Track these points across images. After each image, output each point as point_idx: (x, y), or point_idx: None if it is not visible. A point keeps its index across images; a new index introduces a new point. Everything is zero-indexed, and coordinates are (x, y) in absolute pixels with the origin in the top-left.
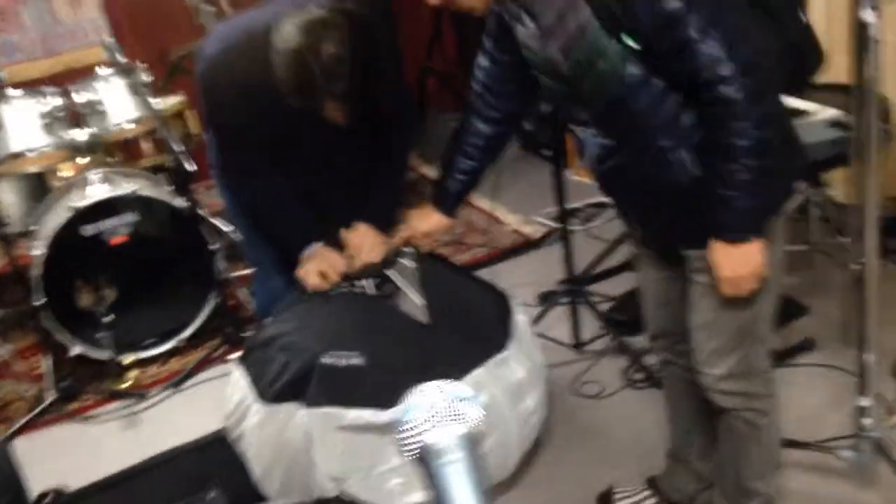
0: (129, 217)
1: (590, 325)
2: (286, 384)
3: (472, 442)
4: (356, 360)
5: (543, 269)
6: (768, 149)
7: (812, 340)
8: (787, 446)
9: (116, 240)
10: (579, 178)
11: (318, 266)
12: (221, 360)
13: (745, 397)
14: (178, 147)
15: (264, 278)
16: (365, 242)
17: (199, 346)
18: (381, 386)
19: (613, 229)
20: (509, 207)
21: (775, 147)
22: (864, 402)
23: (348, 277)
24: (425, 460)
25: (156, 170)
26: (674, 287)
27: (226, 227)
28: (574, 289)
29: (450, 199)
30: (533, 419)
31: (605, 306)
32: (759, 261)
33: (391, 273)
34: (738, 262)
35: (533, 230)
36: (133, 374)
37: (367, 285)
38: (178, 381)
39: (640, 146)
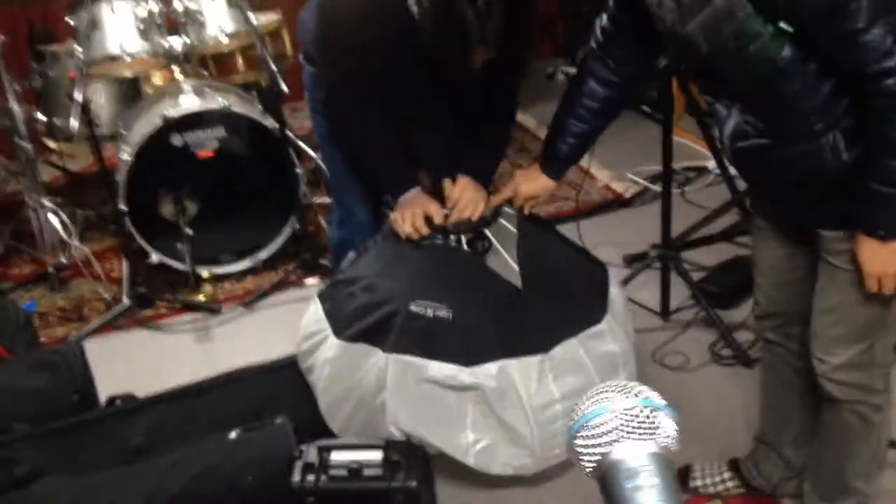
0: (219, 132)
1: (678, 294)
2: (368, 326)
3: (668, 465)
4: (444, 312)
5: (632, 229)
6: None
7: None
8: (891, 446)
9: (204, 153)
10: (679, 139)
11: (414, 213)
12: (296, 284)
13: (862, 390)
14: (273, 66)
15: (346, 211)
16: (465, 196)
17: (274, 269)
18: (465, 343)
19: (710, 196)
20: (603, 162)
21: None
22: None
23: (443, 230)
24: (608, 477)
25: (247, 87)
26: (796, 266)
27: (312, 153)
28: (668, 253)
29: (558, 163)
30: None
31: (696, 276)
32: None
33: (488, 232)
34: (887, 260)
35: (625, 188)
36: (208, 288)
37: (462, 241)
38: (251, 301)
39: (789, 127)
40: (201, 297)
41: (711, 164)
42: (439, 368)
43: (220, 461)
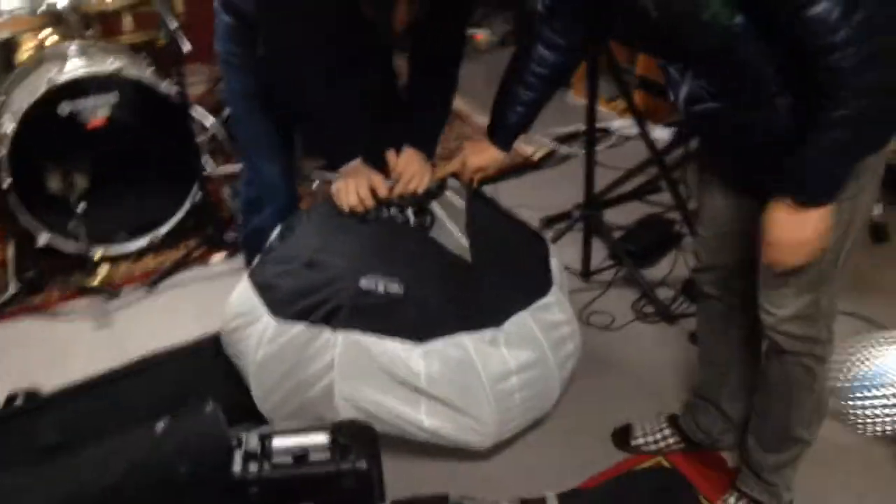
0: (110, 98)
1: (595, 254)
2: (314, 304)
3: None
4: (395, 287)
5: (543, 192)
6: (865, 121)
7: None
8: None
9: (95, 122)
10: (578, 102)
11: (358, 184)
12: (201, 261)
13: (808, 342)
14: (173, 24)
15: (255, 169)
16: (410, 168)
17: (175, 246)
18: (418, 318)
19: (616, 156)
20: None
21: (875, 117)
22: None
23: (388, 203)
24: None
25: (135, 49)
26: (741, 217)
27: (209, 120)
28: (592, 213)
29: (507, 132)
30: (570, 363)
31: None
32: (816, 231)
33: (435, 206)
34: (792, 228)
35: (532, 150)
36: (103, 270)
37: (407, 215)
38: (154, 281)
39: (742, 93)
40: (97, 280)
41: (615, 124)
42: (392, 345)
43: (148, 455)
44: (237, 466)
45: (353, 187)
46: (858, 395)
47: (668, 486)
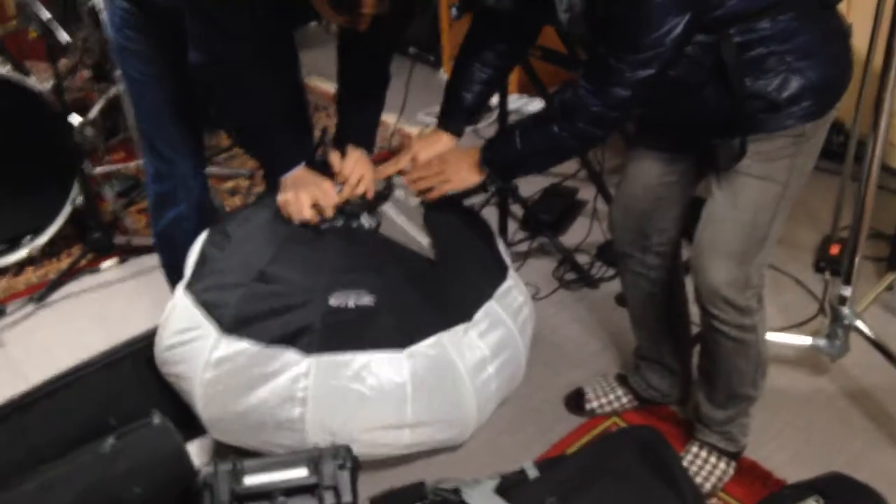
0: None
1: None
2: (271, 322)
3: None
4: (366, 299)
5: None
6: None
7: None
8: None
9: None
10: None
11: (311, 195)
12: (90, 269)
13: (739, 311)
14: (45, 14)
15: (164, 162)
16: (358, 170)
17: (58, 255)
18: (395, 325)
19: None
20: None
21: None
22: (846, 291)
23: (341, 210)
24: None
25: None
26: (674, 178)
27: (76, 119)
28: (506, 187)
29: (462, 116)
30: (529, 340)
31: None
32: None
33: (388, 207)
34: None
35: (418, 130)
36: None
37: (365, 220)
38: (42, 295)
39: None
40: None
41: (494, 98)
42: (373, 357)
43: (100, 476)
44: None
45: (304, 200)
46: None
47: (649, 442)
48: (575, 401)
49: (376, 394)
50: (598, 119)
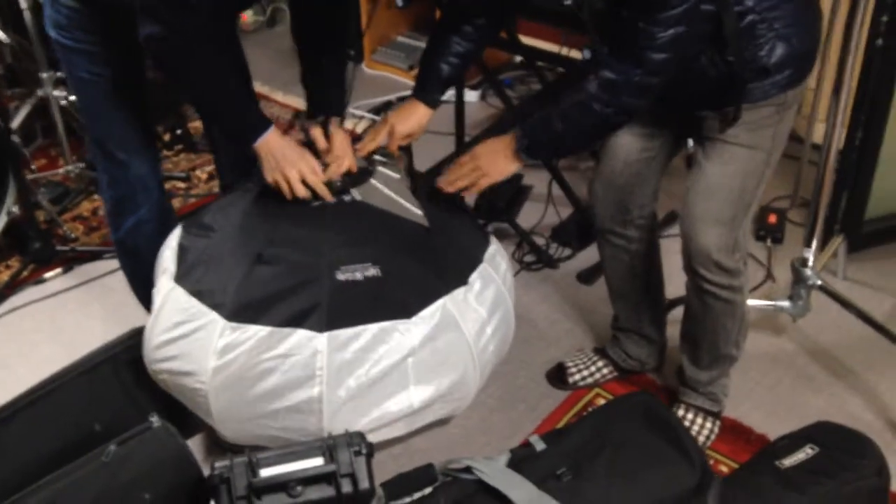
0: None
1: None
2: (279, 303)
3: None
4: (372, 270)
5: None
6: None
7: (675, 214)
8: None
9: None
10: (374, 72)
11: (302, 172)
12: (33, 281)
13: (728, 274)
14: None
15: (118, 166)
16: (342, 145)
17: None
18: (403, 294)
19: (440, 119)
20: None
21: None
22: (809, 253)
23: (331, 188)
24: None
25: None
26: (653, 150)
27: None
28: None
29: (439, 86)
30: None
31: None
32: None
33: (374, 181)
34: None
35: (353, 124)
36: None
37: (355, 194)
38: None
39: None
40: None
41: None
42: (384, 325)
43: (106, 486)
44: None
45: (294, 176)
46: None
47: (650, 407)
48: (557, 375)
49: (386, 364)
50: (641, 88)
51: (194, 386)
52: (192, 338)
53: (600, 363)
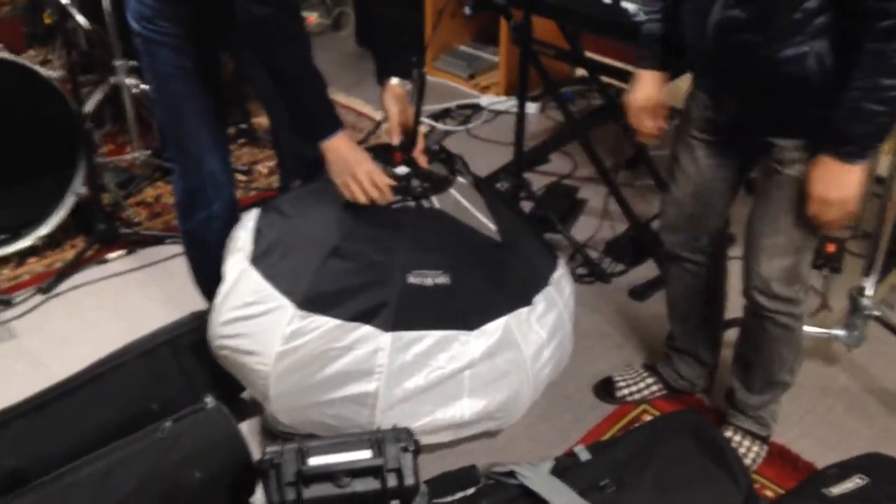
0: None
1: None
2: (349, 298)
3: None
4: (442, 278)
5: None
6: None
7: (732, 236)
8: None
9: None
10: (437, 79)
11: (372, 181)
12: (96, 260)
13: (787, 302)
14: None
15: (192, 159)
16: (405, 113)
17: (61, 246)
18: (467, 306)
19: (493, 130)
20: (375, 105)
21: None
22: (867, 283)
23: (410, 192)
24: None
25: None
26: (719, 177)
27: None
28: (520, 181)
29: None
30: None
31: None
32: (857, 189)
33: (453, 190)
34: (836, 184)
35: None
36: None
37: (434, 202)
38: (48, 286)
39: (776, 25)
40: None
41: (485, 100)
42: (446, 334)
43: (158, 462)
44: (274, 497)
45: (367, 183)
46: None
47: (699, 426)
48: (605, 388)
49: (444, 372)
50: None
51: (256, 367)
52: (261, 320)
53: (650, 380)
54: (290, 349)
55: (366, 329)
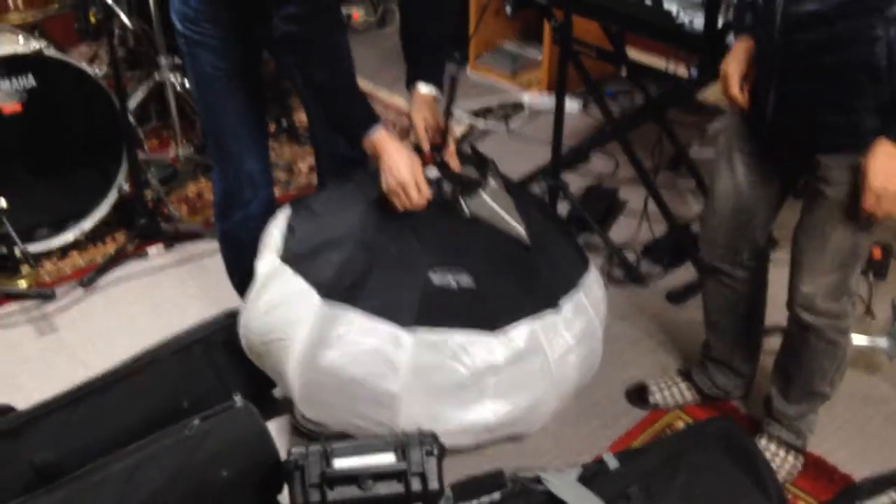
0: (27, 81)
1: None
2: (373, 292)
3: None
4: (466, 279)
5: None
6: None
7: (775, 240)
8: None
9: (9, 108)
10: (479, 77)
11: (417, 179)
12: (137, 255)
13: (833, 318)
14: None
15: (232, 160)
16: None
17: (102, 240)
18: (491, 308)
19: (534, 129)
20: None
21: None
22: None
23: (441, 194)
24: None
25: (25, 27)
26: (760, 195)
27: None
28: (558, 182)
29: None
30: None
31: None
32: None
33: (483, 192)
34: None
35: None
36: (25, 270)
37: (463, 203)
38: (90, 279)
39: (862, 16)
40: (23, 282)
41: (526, 98)
42: (469, 337)
43: (186, 459)
44: (299, 499)
45: (411, 184)
46: None
47: (732, 435)
48: (638, 393)
49: (469, 374)
50: None
51: (283, 361)
52: (290, 314)
53: (683, 386)
54: (316, 342)
55: (387, 325)
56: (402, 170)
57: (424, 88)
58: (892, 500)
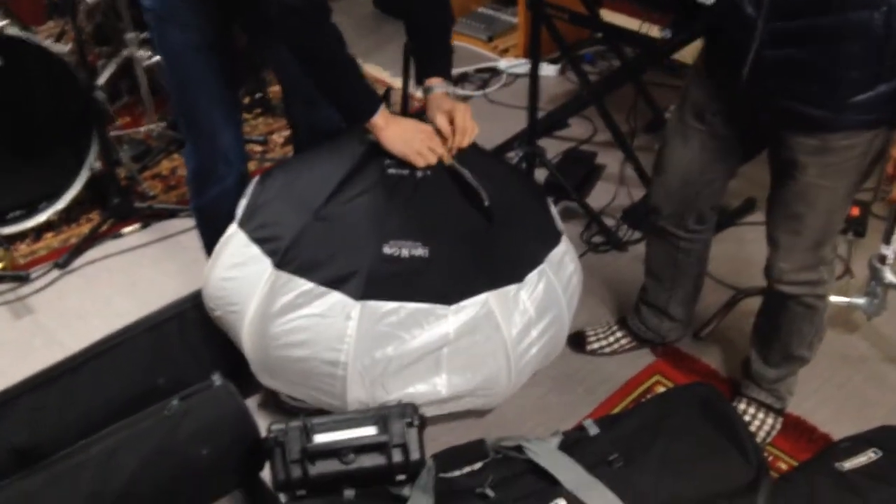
0: None
1: None
2: (323, 262)
3: None
4: (419, 250)
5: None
6: None
7: (753, 200)
8: None
9: None
10: (457, 43)
11: (432, 141)
12: (112, 235)
13: (810, 285)
14: None
15: (204, 136)
16: (468, 122)
17: (76, 221)
18: (445, 280)
19: (511, 95)
20: (395, 72)
21: None
22: (888, 251)
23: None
24: None
25: None
26: (714, 169)
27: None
28: (535, 149)
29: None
30: (575, 308)
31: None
32: None
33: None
34: None
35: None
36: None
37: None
38: (65, 261)
39: None
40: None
41: (503, 63)
42: (420, 307)
43: (166, 439)
44: (281, 474)
45: (425, 148)
46: None
47: (709, 398)
48: (578, 341)
49: (418, 345)
50: None
51: (237, 326)
52: (243, 280)
53: (619, 333)
54: (265, 308)
55: (336, 296)
56: (417, 138)
57: (439, 91)
58: (871, 460)
